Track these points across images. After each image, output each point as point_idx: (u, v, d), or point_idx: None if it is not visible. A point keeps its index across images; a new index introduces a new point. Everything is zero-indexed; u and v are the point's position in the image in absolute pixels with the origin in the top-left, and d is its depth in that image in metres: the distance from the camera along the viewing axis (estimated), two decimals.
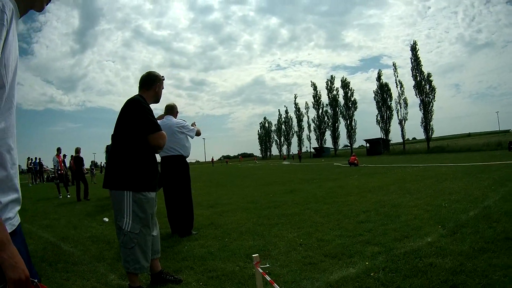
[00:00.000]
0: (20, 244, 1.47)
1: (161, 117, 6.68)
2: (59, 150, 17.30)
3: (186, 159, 6.72)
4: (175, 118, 6.74)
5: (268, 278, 3.00)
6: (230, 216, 8.17)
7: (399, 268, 3.77)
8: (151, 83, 4.14)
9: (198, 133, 6.84)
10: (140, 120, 3.79)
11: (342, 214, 7.17)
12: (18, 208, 1.54)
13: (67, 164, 19.18)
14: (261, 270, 3.14)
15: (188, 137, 6.66)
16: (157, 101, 4.26)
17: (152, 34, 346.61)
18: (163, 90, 4.33)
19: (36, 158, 33.27)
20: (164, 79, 4.31)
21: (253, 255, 3.23)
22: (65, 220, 9.37)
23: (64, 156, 18.94)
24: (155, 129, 3.85)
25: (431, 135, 55.19)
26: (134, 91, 4.27)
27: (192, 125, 6.80)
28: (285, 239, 5.60)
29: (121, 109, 3.92)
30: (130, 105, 3.88)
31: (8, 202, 1.45)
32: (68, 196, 16.62)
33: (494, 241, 4.35)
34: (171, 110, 6.76)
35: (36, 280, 1.46)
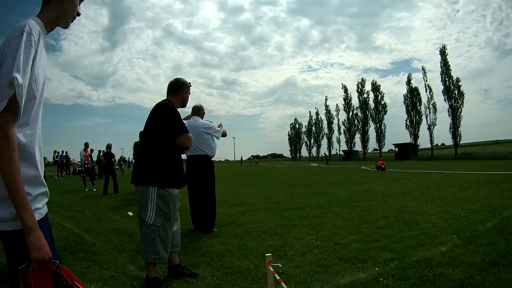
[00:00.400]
0: (46, 230, 1.71)
1: (188, 117, 6.85)
2: (86, 145, 17.78)
3: (212, 158, 6.85)
4: (202, 119, 6.89)
5: (277, 277, 3.08)
6: (253, 215, 8.26)
7: (408, 276, 3.78)
8: (178, 89, 4.37)
9: (224, 134, 6.98)
10: (169, 123, 4.01)
11: (362, 219, 7.16)
12: (46, 200, 1.78)
13: (94, 159, 19.59)
14: (272, 269, 3.22)
15: (214, 137, 6.79)
16: (184, 105, 4.49)
17: (183, 33, 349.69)
18: (189, 95, 4.53)
19: (62, 152, 34.17)
20: (191, 86, 4.52)
21: (266, 254, 3.32)
22: (90, 212, 9.65)
23: (92, 150, 19.37)
24: (182, 131, 4.04)
25: (459, 141, 53.96)
26: (165, 88, 4.49)
27: (219, 126, 6.94)
28: (302, 241, 5.66)
29: (150, 112, 4.16)
30: (159, 109, 4.11)
31: (38, 195, 1.70)
32: (94, 189, 16.86)
33: (507, 255, 4.28)
34: (198, 111, 6.93)
35: (57, 262, 1.67)
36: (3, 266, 1.79)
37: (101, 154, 22.06)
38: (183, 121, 4.47)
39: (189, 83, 4.51)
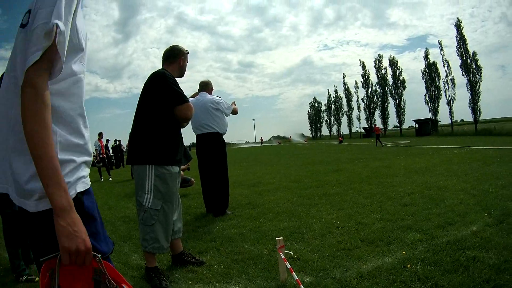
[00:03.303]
0: (91, 203, 1.42)
1: (195, 94, 6.46)
2: (100, 134, 17.65)
3: (223, 136, 6.43)
4: (210, 94, 6.45)
5: (288, 265, 2.71)
6: (270, 195, 7.93)
7: (439, 261, 3.33)
8: (175, 56, 3.90)
9: (234, 112, 6.56)
10: (166, 92, 3.57)
11: (385, 196, 6.73)
12: (89, 170, 1.47)
13: (110, 149, 19.75)
14: (283, 256, 2.87)
15: (224, 114, 6.36)
16: (181, 74, 4.00)
17: (195, 19, 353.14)
18: (187, 63, 4.06)
19: None
20: (188, 53, 4.03)
21: (277, 238, 2.95)
22: (102, 201, 9.28)
23: (107, 140, 19.42)
24: (182, 101, 3.62)
25: (479, 116, 52.44)
26: None
27: (232, 104, 6.50)
28: (322, 221, 5.27)
29: (145, 83, 3.72)
30: (155, 78, 3.68)
31: (82, 162, 1.39)
32: (110, 179, 16.78)
33: None
34: (205, 86, 6.49)
35: (99, 256, 1.27)
36: None
37: (111, 144, 22.25)
38: (190, 97, 4.11)
39: (186, 50, 4.03)
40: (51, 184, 1.17)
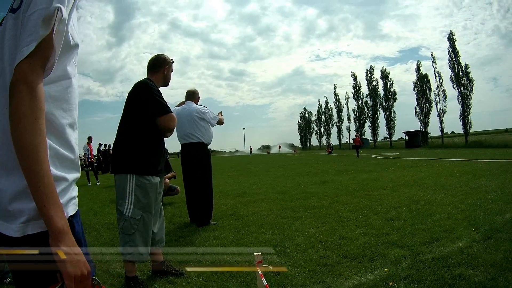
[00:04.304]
0: (80, 227, 1.28)
1: (182, 103, 6.46)
2: (90, 138, 17.59)
3: (208, 146, 6.41)
4: (196, 104, 6.44)
5: (264, 282, 2.62)
6: (255, 206, 7.84)
7: (422, 279, 3.26)
8: (159, 66, 3.91)
9: (220, 122, 6.55)
10: (149, 102, 3.57)
11: (371, 210, 6.67)
12: (77, 189, 1.32)
13: (95, 153, 19.69)
14: (260, 272, 2.78)
15: (210, 124, 6.33)
16: (166, 84, 4.01)
17: (189, 26, 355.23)
18: (172, 73, 4.07)
19: None
20: (173, 62, 4.04)
21: (255, 254, 2.86)
22: (87, 207, 9.16)
23: (100, 144, 19.33)
24: (165, 111, 3.60)
25: (469, 129, 52.84)
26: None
27: (218, 114, 6.51)
28: (305, 235, 5.20)
29: (129, 93, 3.71)
30: (138, 88, 3.67)
31: (73, 180, 1.24)
32: (98, 183, 16.75)
33: None
34: (192, 96, 6.49)
35: (96, 278, 1.17)
36: None
37: (101, 148, 22.20)
38: (176, 106, 4.05)
39: (171, 59, 4.03)
40: (50, 204, 1.04)
